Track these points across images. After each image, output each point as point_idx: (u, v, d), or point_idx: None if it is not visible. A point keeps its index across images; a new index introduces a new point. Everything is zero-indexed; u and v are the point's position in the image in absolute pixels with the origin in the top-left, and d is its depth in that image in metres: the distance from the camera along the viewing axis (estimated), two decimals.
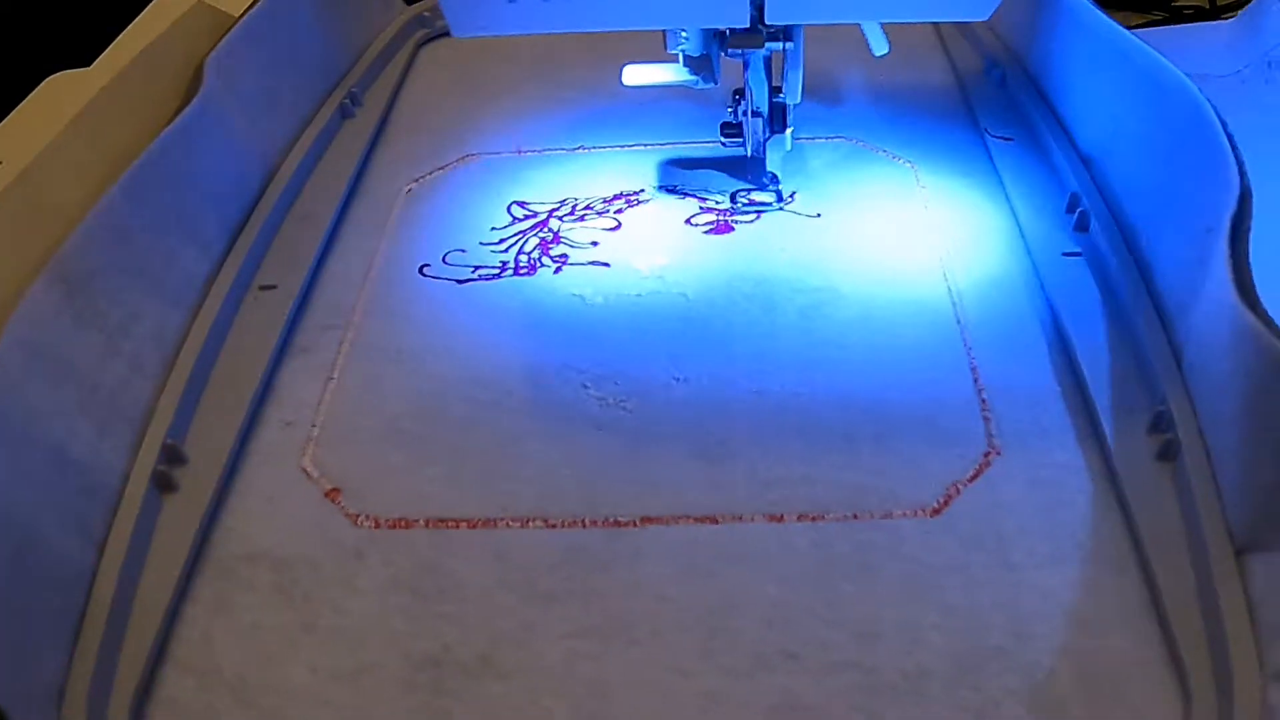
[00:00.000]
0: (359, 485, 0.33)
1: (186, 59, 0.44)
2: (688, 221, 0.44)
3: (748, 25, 0.37)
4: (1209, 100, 0.34)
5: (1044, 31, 0.48)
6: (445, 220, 0.45)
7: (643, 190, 0.46)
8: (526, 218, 0.45)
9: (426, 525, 0.32)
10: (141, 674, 0.28)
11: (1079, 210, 0.40)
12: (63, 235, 0.33)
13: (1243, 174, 0.31)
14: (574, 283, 0.41)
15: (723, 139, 0.43)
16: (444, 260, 0.43)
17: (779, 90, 0.41)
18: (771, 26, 0.38)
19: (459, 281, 0.42)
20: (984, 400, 0.35)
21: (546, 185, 0.47)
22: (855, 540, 0.31)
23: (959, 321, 0.38)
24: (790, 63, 0.40)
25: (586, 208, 0.45)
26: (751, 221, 0.44)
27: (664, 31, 0.41)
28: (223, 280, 0.39)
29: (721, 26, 0.39)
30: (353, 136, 0.50)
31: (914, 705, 0.26)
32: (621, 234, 0.44)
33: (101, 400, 0.32)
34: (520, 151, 0.50)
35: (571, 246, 0.43)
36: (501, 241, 0.44)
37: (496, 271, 0.42)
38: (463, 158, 0.50)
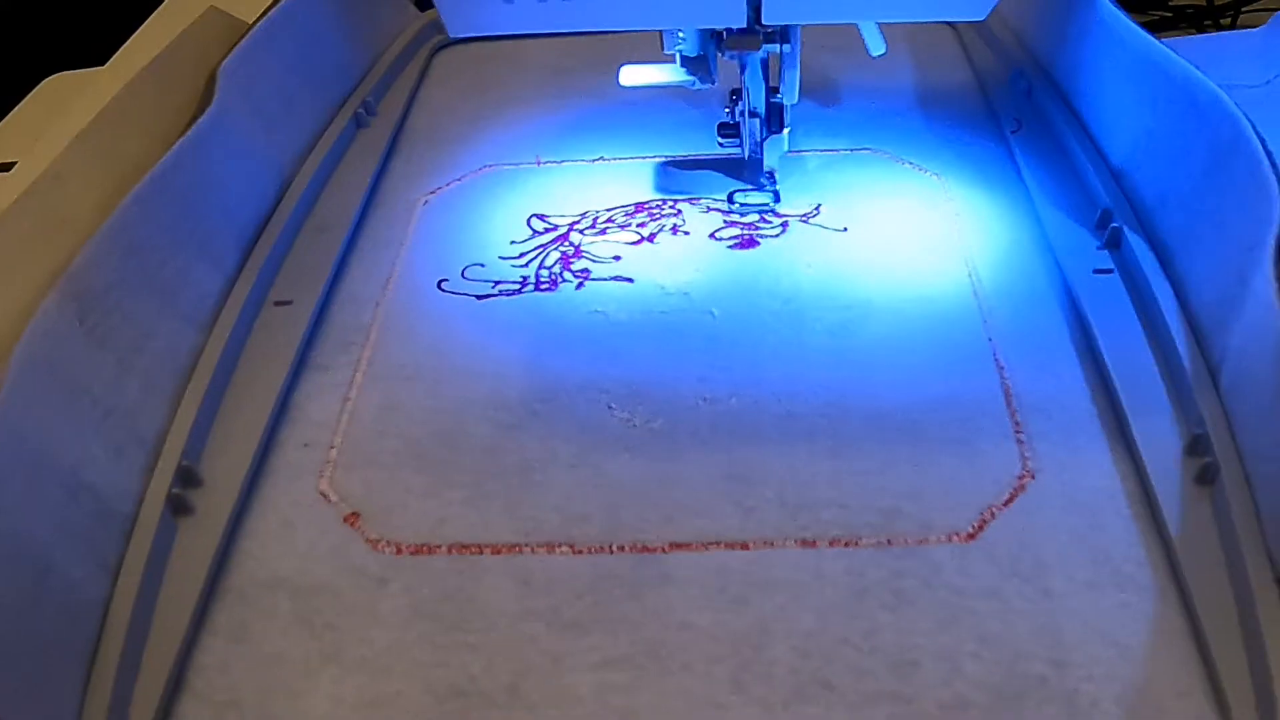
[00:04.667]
0: (379, 509, 0.33)
1: (199, 66, 0.43)
2: (712, 236, 0.43)
3: (745, 25, 0.36)
4: (1246, 114, 0.33)
5: (1072, 41, 0.47)
6: (463, 233, 0.45)
7: (665, 202, 0.45)
8: (546, 230, 0.44)
9: (449, 551, 0.31)
10: (158, 705, 0.27)
11: (1111, 226, 0.40)
12: (73, 248, 0.32)
13: None
14: (597, 299, 0.40)
15: (720, 140, 0.43)
16: (463, 275, 0.42)
17: (776, 90, 0.41)
18: (769, 27, 0.38)
19: (478, 297, 0.41)
20: (1017, 421, 0.34)
21: (566, 197, 0.46)
22: (890, 567, 0.30)
23: (990, 340, 0.37)
24: (787, 63, 0.39)
25: (608, 220, 0.45)
26: (777, 236, 0.43)
27: (661, 32, 0.40)
28: (237, 296, 0.39)
29: (718, 27, 0.39)
30: (367, 146, 0.49)
31: None
32: (645, 248, 0.43)
33: (116, 422, 0.31)
34: (539, 162, 0.49)
35: (594, 261, 0.43)
36: (521, 255, 0.43)
37: (517, 287, 0.41)
38: (480, 168, 0.49)
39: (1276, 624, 0.26)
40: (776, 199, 0.43)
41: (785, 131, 0.42)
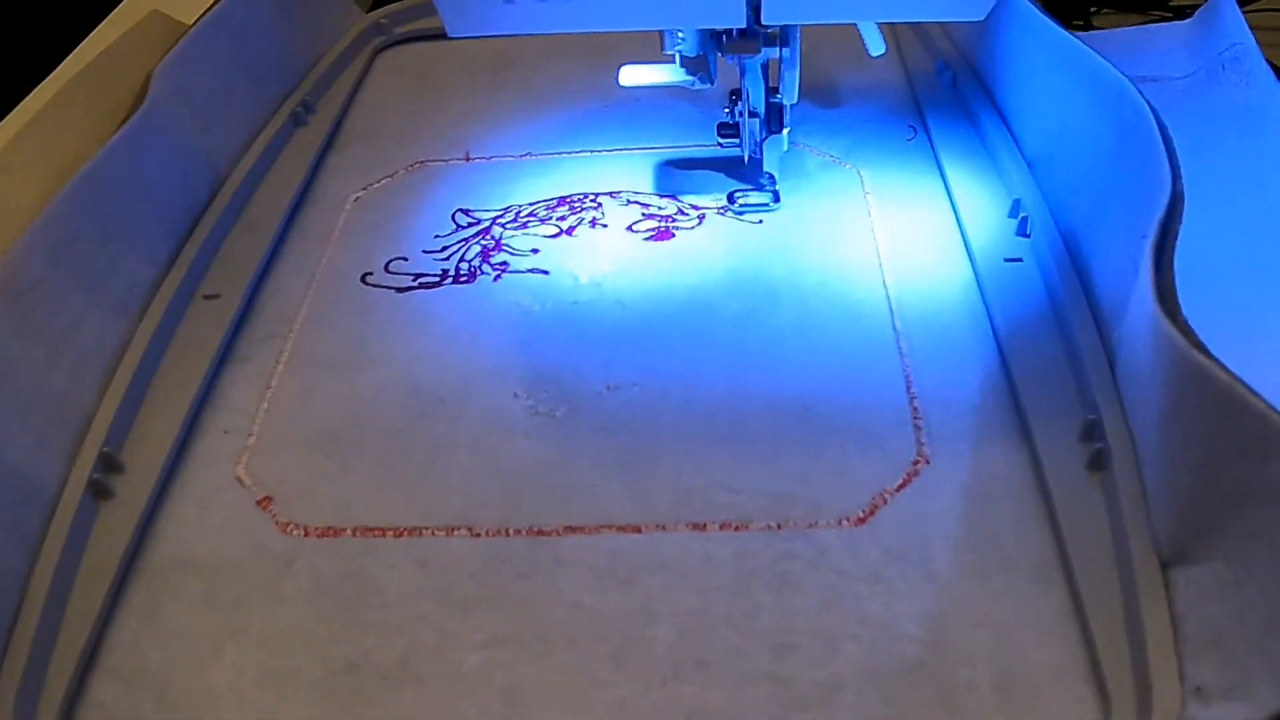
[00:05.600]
0: (290, 493, 0.34)
1: (137, 68, 0.44)
2: (629, 228, 0.44)
3: (744, 26, 0.37)
4: (1151, 103, 0.34)
5: (993, 34, 0.47)
6: (391, 228, 0.46)
7: (586, 196, 0.46)
8: (470, 225, 0.45)
9: (353, 533, 0.32)
10: (70, 679, 0.28)
11: (1021, 216, 0.40)
12: (7, 244, 0.34)
13: (1176, 178, 0.31)
14: (513, 290, 0.41)
15: (720, 140, 0.43)
16: (386, 269, 0.43)
17: (776, 91, 0.41)
18: (768, 27, 0.38)
19: (399, 290, 0.42)
20: (915, 408, 0.34)
21: (492, 192, 0.47)
22: (777, 550, 0.30)
23: (895, 328, 0.38)
24: (787, 63, 0.40)
25: (530, 214, 0.45)
26: (692, 228, 0.44)
27: (661, 32, 0.41)
28: (166, 289, 0.40)
29: (718, 27, 0.39)
30: (304, 145, 0.50)
31: (826, 717, 0.26)
32: (563, 241, 0.44)
33: (41, 409, 0.33)
34: (469, 158, 0.50)
35: (512, 254, 0.43)
36: (444, 249, 0.44)
37: (437, 279, 0.42)
38: (411, 165, 0.50)
39: (1158, 610, 0.26)
40: (776, 199, 0.44)
41: (785, 132, 0.42)
